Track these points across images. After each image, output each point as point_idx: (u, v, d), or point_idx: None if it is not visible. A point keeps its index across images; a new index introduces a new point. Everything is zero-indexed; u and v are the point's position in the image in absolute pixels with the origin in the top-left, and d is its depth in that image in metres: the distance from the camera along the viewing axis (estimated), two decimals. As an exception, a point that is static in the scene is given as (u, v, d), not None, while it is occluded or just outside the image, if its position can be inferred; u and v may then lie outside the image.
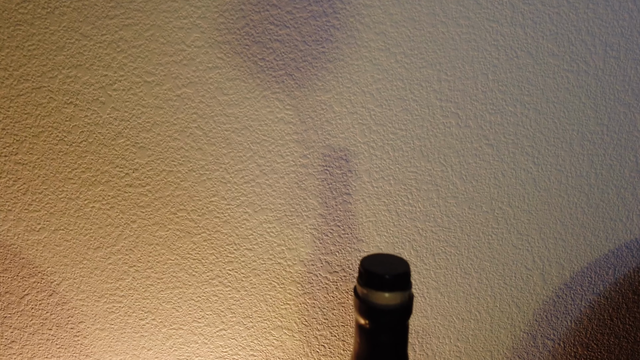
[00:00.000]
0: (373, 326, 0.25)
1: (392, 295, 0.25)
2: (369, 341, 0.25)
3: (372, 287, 0.25)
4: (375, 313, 0.25)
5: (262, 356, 0.55)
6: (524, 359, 0.55)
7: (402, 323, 0.25)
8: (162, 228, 0.50)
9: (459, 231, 0.50)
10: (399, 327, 0.25)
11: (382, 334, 0.25)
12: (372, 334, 0.25)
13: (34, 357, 0.54)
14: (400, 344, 0.25)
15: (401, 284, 0.25)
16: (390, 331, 0.25)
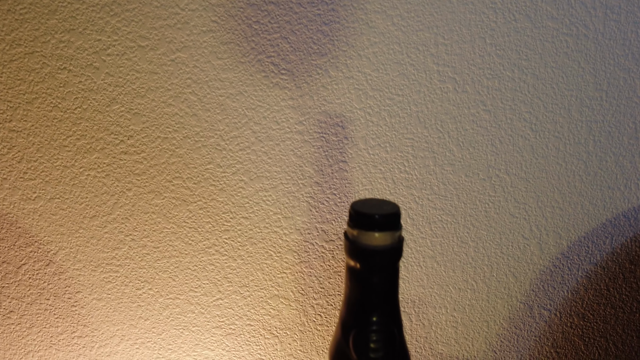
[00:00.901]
0: (364, 268, 0.23)
1: (382, 235, 0.23)
2: (359, 284, 0.24)
3: (362, 227, 0.23)
4: (365, 254, 0.23)
5: (258, 325, 0.53)
6: (521, 329, 0.54)
7: (392, 264, 0.24)
8: (157, 196, 0.48)
9: (456, 199, 0.48)
10: (389, 268, 0.24)
11: (373, 276, 0.23)
12: (363, 275, 0.23)
13: (33, 326, 0.53)
14: (391, 287, 0.24)
15: (391, 224, 0.23)
16: (381, 272, 0.23)
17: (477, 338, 0.54)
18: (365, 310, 0.24)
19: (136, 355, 0.55)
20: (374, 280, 0.24)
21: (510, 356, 0.55)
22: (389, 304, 0.25)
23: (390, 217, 0.24)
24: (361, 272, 0.24)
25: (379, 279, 0.24)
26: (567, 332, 0.54)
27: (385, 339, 0.24)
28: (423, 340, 0.54)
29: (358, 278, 0.24)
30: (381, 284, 0.24)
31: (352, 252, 0.24)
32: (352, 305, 0.25)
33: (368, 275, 0.24)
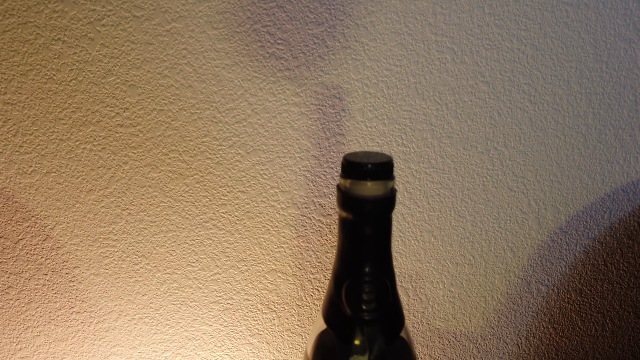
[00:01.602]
0: (356, 218, 0.22)
1: (374, 184, 0.22)
2: (352, 235, 0.23)
3: (354, 177, 0.22)
4: (358, 204, 0.22)
5: (256, 300, 0.52)
6: (518, 304, 0.53)
7: (385, 215, 0.23)
8: (154, 170, 0.47)
9: (454, 173, 0.47)
10: (382, 218, 0.23)
11: (365, 226, 0.22)
12: (356, 226, 0.22)
13: (31, 302, 0.52)
14: (383, 238, 0.23)
15: (383, 173, 0.22)
16: (374, 223, 0.22)
17: (474, 313, 0.53)
18: (358, 262, 0.23)
19: (134, 331, 0.54)
20: (366, 231, 0.23)
21: (507, 332, 0.54)
22: (382, 256, 0.24)
23: (383, 166, 0.23)
24: (354, 223, 0.23)
25: (372, 230, 0.23)
26: (564, 308, 0.53)
27: (377, 290, 0.23)
28: (420, 316, 0.53)
29: (351, 229, 0.23)
30: (374, 235, 0.23)
31: (345, 203, 0.23)
32: (345, 258, 0.24)
33: (361, 226, 0.23)
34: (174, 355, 0.55)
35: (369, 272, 0.23)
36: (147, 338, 0.54)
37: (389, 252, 0.24)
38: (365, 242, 0.23)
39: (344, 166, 0.23)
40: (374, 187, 0.23)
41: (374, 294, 0.23)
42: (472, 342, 0.54)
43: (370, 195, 0.22)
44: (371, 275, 0.23)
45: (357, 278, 0.23)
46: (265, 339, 0.54)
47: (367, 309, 0.23)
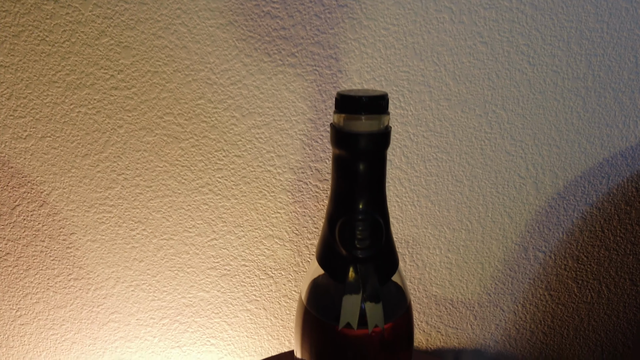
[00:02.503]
0: (350, 155, 0.21)
1: (369, 118, 0.21)
2: (346, 173, 0.21)
3: (348, 111, 0.21)
4: (352, 140, 0.21)
5: (253, 266, 0.51)
6: (515, 271, 0.51)
7: (380, 152, 0.21)
8: (149, 133, 0.45)
9: (451, 136, 0.45)
10: (377, 155, 0.21)
11: (359, 163, 0.21)
12: (350, 163, 0.21)
13: (30, 269, 0.51)
14: (378, 177, 0.22)
15: (378, 106, 0.21)
16: (368, 159, 0.21)
17: (471, 280, 0.52)
18: (352, 200, 0.22)
19: (132, 298, 0.52)
20: (360, 168, 0.21)
21: (504, 299, 0.53)
22: (376, 195, 0.22)
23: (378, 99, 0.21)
24: (348, 160, 0.21)
25: (366, 167, 0.21)
26: (561, 275, 0.52)
27: (371, 228, 0.22)
28: (417, 282, 0.51)
29: (345, 167, 0.22)
30: (368, 172, 0.21)
31: (338, 140, 0.21)
32: (339, 196, 0.22)
33: (355, 163, 0.21)
34: (172, 322, 0.54)
35: (363, 210, 0.22)
36: (144, 305, 0.53)
37: (383, 192, 0.23)
38: (359, 180, 0.21)
39: (338, 101, 0.22)
40: (369, 122, 0.21)
41: (367, 232, 0.22)
42: (469, 309, 0.53)
43: (364, 131, 0.21)
44: (365, 213, 0.22)
45: (350, 216, 0.22)
46: (263, 305, 0.53)
47: (361, 247, 0.22)
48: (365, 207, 0.22)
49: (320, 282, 0.25)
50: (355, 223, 0.22)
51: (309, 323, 0.25)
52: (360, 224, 0.22)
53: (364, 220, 0.22)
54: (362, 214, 0.22)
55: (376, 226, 0.22)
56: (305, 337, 0.25)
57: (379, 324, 0.23)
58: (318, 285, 0.25)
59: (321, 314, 0.24)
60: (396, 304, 0.25)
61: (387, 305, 0.24)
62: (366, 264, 0.23)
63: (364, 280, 0.23)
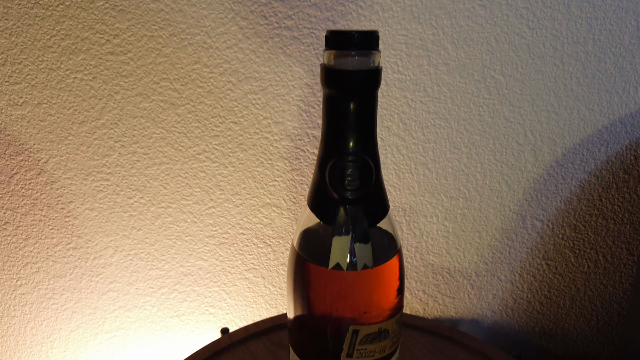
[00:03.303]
0: (341, 93, 0.20)
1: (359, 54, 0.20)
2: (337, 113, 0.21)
3: (338, 47, 0.20)
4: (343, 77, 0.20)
5: (251, 234, 0.50)
6: (513, 240, 0.50)
7: (370, 91, 0.20)
8: (145, 99, 0.44)
9: (450, 102, 0.44)
10: (367, 95, 0.21)
11: (350, 102, 0.20)
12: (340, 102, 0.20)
13: (29, 238, 0.50)
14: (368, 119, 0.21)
15: (368, 42, 0.20)
16: (359, 99, 0.20)
17: (468, 249, 0.51)
18: (342, 140, 0.21)
19: (130, 267, 0.52)
20: (351, 107, 0.21)
21: (501, 268, 0.52)
22: (366, 137, 0.21)
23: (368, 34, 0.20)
24: (338, 99, 0.21)
25: (357, 106, 0.21)
26: (558, 244, 0.51)
27: (361, 169, 0.21)
28: (414, 250, 0.50)
29: (335, 106, 0.21)
30: (359, 112, 0.21)
31: (329, 78, 0.21)
32: (329, 138, 0.21)
33: (345, 102, 0.21)
34: (171, 291, 0.53)
35: (353, 151, 0.21)
36: (143, 274, 0.52)
37: (374, 134, 0.22)
38: (349, 120, 0.21)
39: (328, 38, 0.21)
40: (359, 59, 0.20)
41: (357, 173, 0.21)
42: (466, 278, 0.52)
43: (354, 69, 0.20)
44: (355, 155, 0.21)
45: (340, 157, 0.21)
46: (261, 273, 0.52)
47: (351, 189, 0.21)
48: (356, 149, 0.21)
49: (311, 228, 0.24)
50: (345, 164, 0.21)
51: (300, 267, 0.24)
52: (350, 165, 0.21)
53: (353, 162, 0.21)
54: (352, 155, 0.21)
55: (366, 167, 0.21)
56: (297, 282, 0.24)
57: (368, 264, 0.22)
58: (309, 231, 0.24)
59: (312, 257, 0.23)
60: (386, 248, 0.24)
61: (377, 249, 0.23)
62: (356, 206, 0.22)
63: (354, 222, 0.22)
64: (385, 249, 0.24)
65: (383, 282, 0.24)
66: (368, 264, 0.23)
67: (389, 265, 0.24)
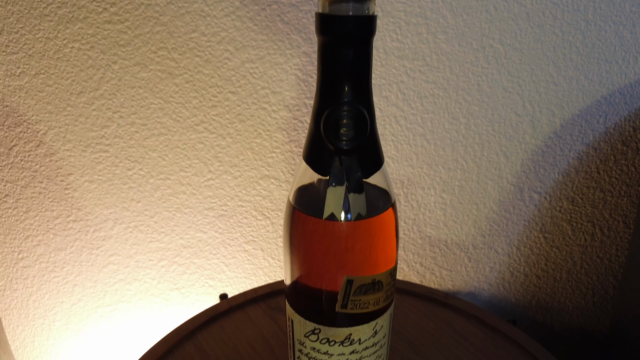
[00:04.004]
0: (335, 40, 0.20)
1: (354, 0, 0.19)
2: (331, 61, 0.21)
3: None
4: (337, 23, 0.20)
5: (250, 206, 0.49)
6: (510, 212, 0.50)
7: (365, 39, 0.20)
8: (143, 69, 0.43)
9: (448, 71, 0.43)
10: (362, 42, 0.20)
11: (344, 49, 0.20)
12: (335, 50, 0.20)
13: (29, 210, 0.50)
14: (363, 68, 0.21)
15: None
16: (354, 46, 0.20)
17: (465, 221, 0.50)
18: (337, 91, 0.21)
19: (130, 239, 0.51)
20: (346, 55, 0.20)
21: (499, 241, 0.51)
22: (361, 86, 0.21)
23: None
24: (332, 46, 0.20)
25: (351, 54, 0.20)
26: (555, 217, 0.50)
27: (355, 119, 0.21)
28: (411, 222, 0.50)
29: (330, 54, 0.21)
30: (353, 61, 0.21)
31: (323, 25, 0.20)
32: (324, 88, 0.21)
33: (340, 50, 0.20)
34: (170, 263, 0.52)
35: (348, 101, 0.21)
36: (143, 247, 0.52)
37: (369, 85, 0.22)
38: (344, 68, 0.20)
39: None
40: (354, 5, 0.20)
41: (351, 123, 0.21)
42: (464, 251, 0.52)
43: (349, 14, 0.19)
44: (350, 104, 0.21)
45: (335, 107, 0.21)
46: (260, 245, 0.51)
47: (345, 138, 0.21)
48: (350, 98, 0.21)
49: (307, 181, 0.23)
50: (340, 114, 0.21)
51: (296, 220, 0.23)
52: (345, 115, 0.21)
53: (348, 111, 0.21)
54: (346, 105, 0.21)
55: (361, 117, 0.21)
56: (293, 235, 0.23)
57: (362, 213, 0.22)
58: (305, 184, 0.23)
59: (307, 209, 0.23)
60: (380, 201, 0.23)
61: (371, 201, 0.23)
62: (350, 156, 0.21)
63: (348, 173, 0.21)
64: (380, 201, 0.24)
65: (377, 232, 0.23)
66: (362, 212, 0.22)
67: (383, 217, 0.23)
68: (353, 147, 0.21)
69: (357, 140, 0.21)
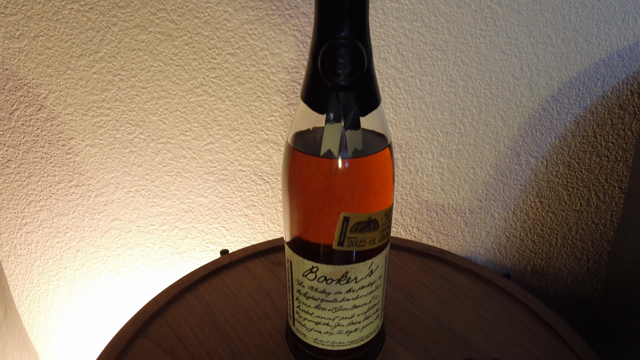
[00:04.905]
0: None
1: None
2: None
3: None
4: None
5: (250, 171, 0.49)
6: (507, 177, 0.50)
7: None
8: (143, 31, 0.43)
9: (447, 33, 0.43)
10: None
11: None
12: None
13: (31, 175, 0.50)
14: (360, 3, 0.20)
15: None
16: None
17: (462, 186, 0.50)
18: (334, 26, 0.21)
19: (132, 204, 0.52)
20: None
21: (495, 205, 0.52)
22: (358, 22, 0.21)
23: None
24: None
25: None
26: (552, 181, 0.50)
27: (352, 54, 0.21)
28: (409, 187, 0.50)
29: None
30: None
31: None
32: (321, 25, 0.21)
33: None
34: (172, 228, 0.53)
35: (345, 36, 0.21)
36: (144, 211, 0.52)
37: (366, 22, 0.22)
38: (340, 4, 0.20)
39: None
40: None
41: (348, 58, 0.21)
42: (460, 215, 0.52)
43: None
44: (346, 39, 0.21)
45: (332, 42, 0.21)
46: (260, 210, 0.52)
47: (342, 73, 0.21)
48: (348, 34, 0.21)
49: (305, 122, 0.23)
50: (337, 50, 0.21)
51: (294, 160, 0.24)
52: (342, 50, 0.20)
53: (345, 46, 0.21)
54: (343, 40, 0.21)
55: (358, 52, 0.21)
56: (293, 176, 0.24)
57: (358, 147, 0.22)
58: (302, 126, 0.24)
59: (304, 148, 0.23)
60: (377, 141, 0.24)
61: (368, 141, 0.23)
62: (347, 93, 0.21)
63: (345, 109, 0.21)
64: (377, 143, 0.24)
65: (373, 171, 0.23)
66: (358, 147, 0.22)
67: (379, 156, 0.24)
68: (350, 83, 0.21)
69: (354, 76, 0.21)
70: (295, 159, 0.24)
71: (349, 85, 0.21)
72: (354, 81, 0.21)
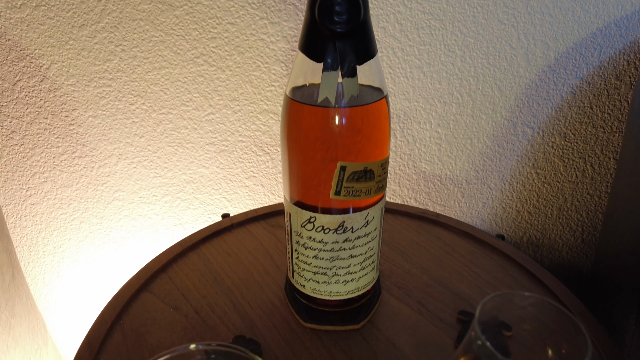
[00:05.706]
0: None
1: None
2: None
3: None
4: None
5: (250, 142, 0.50)
6: (504, 147, 0.50)
7: None
8: (144, 1, 0.43)
9: (444, 2, 0.43)
10: None
11: None
12: None
13: (35, 147, 0.50)
14: None
15: None
16: None
17: (460, 156, 0.51)
18: None
19: (134, 175, 0.52)
20: None
21: (492, 176, 0.52)
22: None
23: None
24: None
25: None
26: (548, 152, 0.51)
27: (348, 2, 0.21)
28: (407, 158, 0.51)
29: None
30: None
31: None
32: None
33: None
34: (174, 199, 0.53)
35: None
36: (147, 182, 0.53)
37: None
38: None
39: None
40: None
41: (345, 5, 0.21)
42: (457, 186, 0.53)
43: None
44: None
45: None
46: (261, 181, 0.52)
47: (338, 21, 0.21)
48: None
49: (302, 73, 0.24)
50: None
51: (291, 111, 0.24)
52: None
53: None
54: None
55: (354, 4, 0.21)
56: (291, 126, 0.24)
57: (354, 93, 0.22)
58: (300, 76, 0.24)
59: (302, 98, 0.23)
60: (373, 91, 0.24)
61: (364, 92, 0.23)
62: (344, 41, 0.22)
63: (342, 57, 0.22)
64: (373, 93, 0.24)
65: (369, 120, 0.24)
66: (354, 93, 0.23)
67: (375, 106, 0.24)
68: (346, 31, 0.21)
69: (350, 23, 0.21)
70: (292, 109, 0.24)
71: (345, 32, 0.22)
72: (350, 29, 0.22)
